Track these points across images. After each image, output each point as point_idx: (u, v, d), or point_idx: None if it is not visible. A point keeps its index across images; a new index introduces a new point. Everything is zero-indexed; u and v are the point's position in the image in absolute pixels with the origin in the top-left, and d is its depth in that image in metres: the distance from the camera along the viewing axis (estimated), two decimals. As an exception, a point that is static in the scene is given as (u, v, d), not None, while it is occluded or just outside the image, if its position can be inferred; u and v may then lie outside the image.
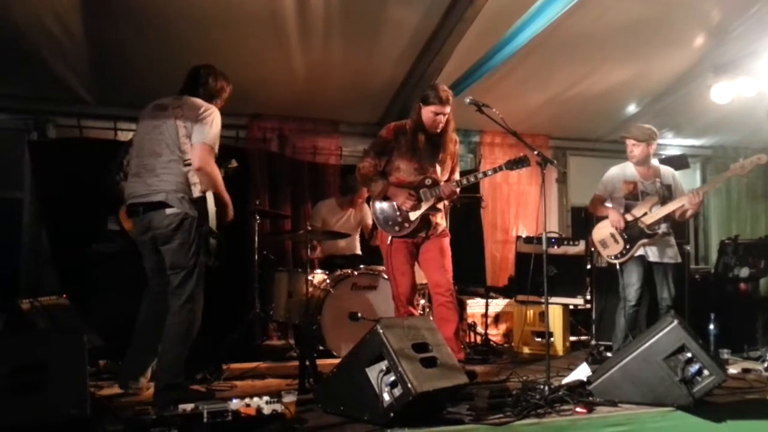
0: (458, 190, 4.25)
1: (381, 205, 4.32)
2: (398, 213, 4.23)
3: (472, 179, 4.30)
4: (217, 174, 3.69)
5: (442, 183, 4.22)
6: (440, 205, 4.31)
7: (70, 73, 5.51)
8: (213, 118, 3.65)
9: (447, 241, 4.33)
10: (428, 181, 4.21)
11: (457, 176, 4.43)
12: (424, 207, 4.20)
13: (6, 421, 2.66)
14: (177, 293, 3.62)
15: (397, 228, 4.24)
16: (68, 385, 2.81)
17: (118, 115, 6.11)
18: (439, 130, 4.22)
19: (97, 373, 4.33)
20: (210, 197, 3.68)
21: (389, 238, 4.26)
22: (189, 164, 3.59)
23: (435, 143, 4.26)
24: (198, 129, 3.59)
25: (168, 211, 3.57)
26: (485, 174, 4.34)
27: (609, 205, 4.95)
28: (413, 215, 4.20)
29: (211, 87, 3.83)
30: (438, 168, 4.27)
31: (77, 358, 2.90)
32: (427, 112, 4.16)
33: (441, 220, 4.34)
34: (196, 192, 3.61)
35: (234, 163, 4.69)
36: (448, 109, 4.15)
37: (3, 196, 6.11)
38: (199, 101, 3.71)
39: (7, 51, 5.04)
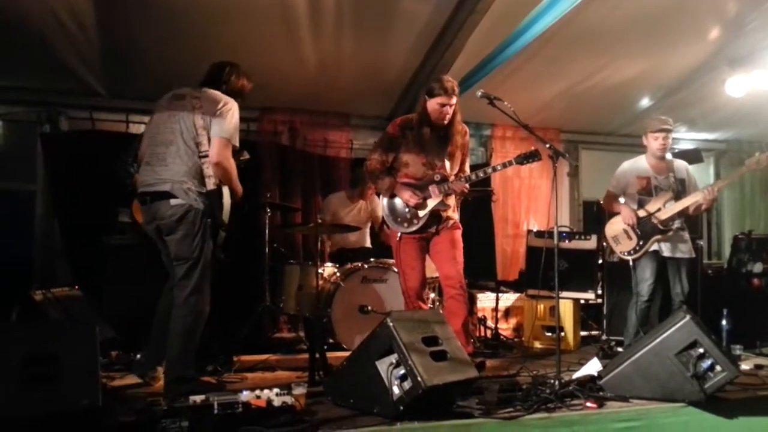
0: (468, 186, 4.22)
1: (390, 202, 4.31)
2: (407, 209, 4.22)
3: (481, 174, 4.26)
4: (233, 168, 3.71)
5: (451, 179, 4.19)
6: (450, 200, 4.28)
7: (83, 65, 5.54)
8: (232, 113, 3.66)
9: (459, 233, 4.31)
10: (437, 177, 4.18)
11: (467, 168, 4.41)
12: (432, 204, 4.18)
13: (18, 411, 2.68)
14: (181, 285, 3.63)
15: (406, 224, 4.23)
16: (80, 376, 2.82)
17: (131, 108, 6.14)
18: (446, 122, 4.18)
19: (109, 364, 4.36)
20: (226, 191, 3.70)
21: (399, 233, 4.25)
22: (205, 156, 3.60)
23: (442, 136, 4.23)
24: (217, 123, 3.61)
25: (172, 201, 3.58)
26: (495, 169, 4.32)
27: (622, 201, 4.91)
28: (422, 212, 4.18)
29: (233, 85, 3.84)
30: (447, 162, 4.24)
31: (89, 349, 2.91)
32: (432, 104, 4.13)
33: (452, 213, 4.31)
34: (210, 184, 3.61)
35: (246, 155, 4.68)
36: (454, 100, 4.11)
37: (16, 188, 6.16)
38: (218, 94, 3.71)
39: (20, 43, 5.06)
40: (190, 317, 3.61)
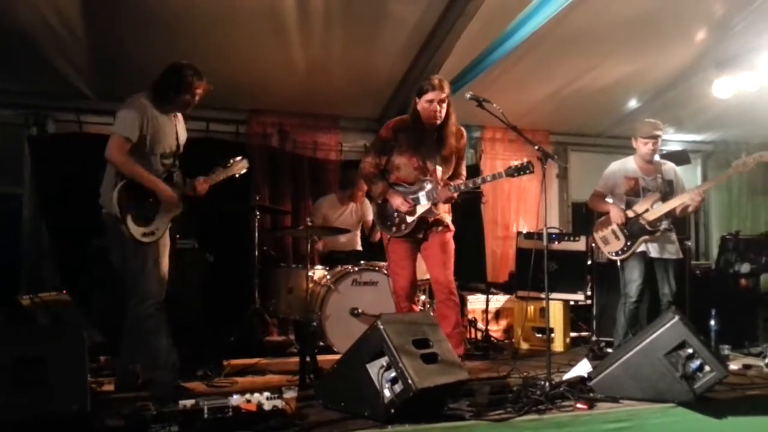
0: (456, 194, 4.17)
1: (380, 205, 4.30)
2: (396, 214, 4.21)
3: (470, 185, 4.21)
4: (124, 163, 3.62)
5: (440, 187, 4.16)
6: (441, 205, 4.25)
7: (70, 67, 5.50)
8: (125, 109, 3.66)
9: (449, 236, 4.28)
10: (427, 184, 4.18)
11: (463, 171, 4.37)
12: (421, 210, 4.17)
13: (6, 416, 2.66)
14: (130, 293, 3.71)
15: (394, 228, 4.22)
16: (68, 381, 2.81)
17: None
18: (439, 121, 4.13)
19: (98, 369, 4.32)
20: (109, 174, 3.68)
21: (388, 236, 4.25)
22: None
23: (436, 139, 4.19)
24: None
25: (103, 211, 3.73)
26: (485, 180, 4.26)
27: (609, 200, 4.93)
28: (410, 217, 4.17)
29: (162, 85, 3.78)
30: (438, 166, 4.20)
31: (77, 353, 2.90)
32: (422, 104, 4.09)
33: (444, 216, 4.28)
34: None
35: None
36: (444, 96, 4.06)
37: (3, 192, 6.10)
38: (129, 98, 3.74)
39: (7, 45, 5.02)
40: (137, 322, 3.67)
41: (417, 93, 4.14)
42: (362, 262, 5.30)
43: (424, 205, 4.16)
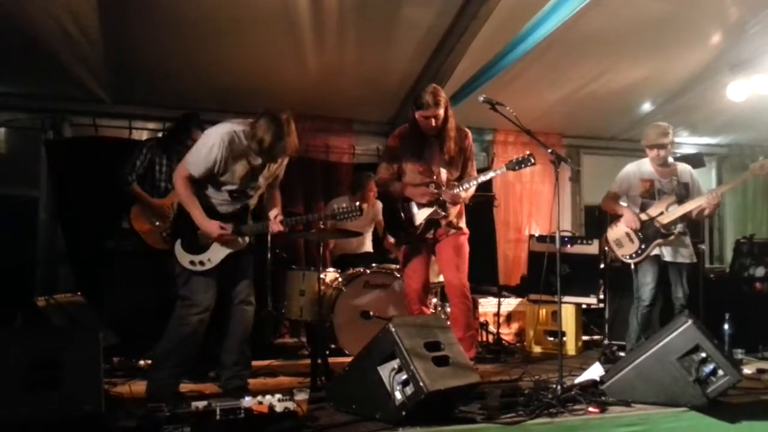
0: (463, 194, 4.13)
1: (390, 213, 4.35)
2: (403, 219, 4.24)
3: (473, 182, 4.16)
4: (180, 193, 3.73)
5: (443, 188, 4.15)
6: (452, 207, 4.23)
7: (86, 72, 5.55)
8: (198, 144, 3.74)
9: (463, 239, 4.28)
10: (432, 186, 4.18)
11: (473, 171, 4.34)
12: (425, 214, 4.17)
13: (21, 416, 2.69)
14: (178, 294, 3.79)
15: (402, 234, 4.26)
16: (83, 382, 2.84)
17: (134, 114, 6.15)
18: (434, 133, 4.14)
19: (111, 370, 4.37)
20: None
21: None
22: None
23: (438, 144, 4.19)
24: None
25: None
26: (486, 176, 4.23)
27: (624, 203, 4.91)
28: (417, 221, 4.20)
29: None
30: (443, 169, 4.19)
31: (92, 354, 2.93)
32: (419, 117, 4.09)
33: (456, 220, 4.28)
34: None
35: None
36: (440, 111, 4.04)
37: (19, 195, 6.16)
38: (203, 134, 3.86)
39: (24, 50, 5.08)
40: (173, 320, 3.72)
41: (414, 104, 4.13)
42: (374, 264, 5.30)
43: (427, 209, 4.17)
